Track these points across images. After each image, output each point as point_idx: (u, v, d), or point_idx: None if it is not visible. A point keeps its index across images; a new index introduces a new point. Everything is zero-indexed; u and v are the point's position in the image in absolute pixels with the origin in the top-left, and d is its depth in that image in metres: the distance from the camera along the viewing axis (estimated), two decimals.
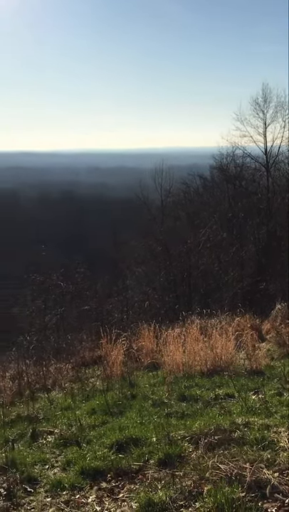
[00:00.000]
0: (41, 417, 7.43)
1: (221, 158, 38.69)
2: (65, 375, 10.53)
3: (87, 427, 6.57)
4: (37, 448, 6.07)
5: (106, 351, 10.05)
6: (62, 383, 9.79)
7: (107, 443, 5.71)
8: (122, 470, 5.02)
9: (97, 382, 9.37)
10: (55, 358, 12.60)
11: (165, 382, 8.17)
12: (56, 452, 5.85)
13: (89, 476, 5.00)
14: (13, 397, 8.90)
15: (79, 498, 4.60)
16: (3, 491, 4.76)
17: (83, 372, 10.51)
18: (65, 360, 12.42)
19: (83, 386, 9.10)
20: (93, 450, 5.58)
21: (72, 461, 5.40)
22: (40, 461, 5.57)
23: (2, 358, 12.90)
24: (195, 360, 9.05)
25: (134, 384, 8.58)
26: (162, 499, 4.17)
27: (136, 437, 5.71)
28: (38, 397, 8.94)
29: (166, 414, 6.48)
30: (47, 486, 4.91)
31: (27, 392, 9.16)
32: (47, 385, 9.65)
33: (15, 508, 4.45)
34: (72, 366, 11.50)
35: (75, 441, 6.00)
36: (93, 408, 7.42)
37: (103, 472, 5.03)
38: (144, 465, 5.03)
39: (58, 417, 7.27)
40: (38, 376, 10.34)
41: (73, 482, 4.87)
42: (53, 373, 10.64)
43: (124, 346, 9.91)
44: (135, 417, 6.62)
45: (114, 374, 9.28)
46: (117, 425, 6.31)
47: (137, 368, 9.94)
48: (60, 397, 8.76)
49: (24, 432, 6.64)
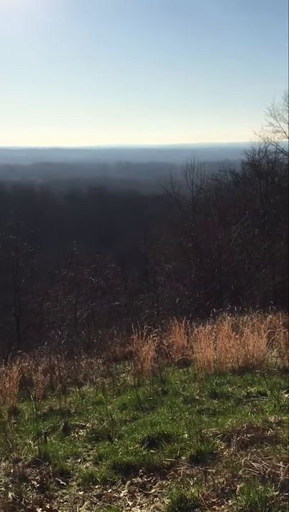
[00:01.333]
0: (73, 411, 7.49)
1: (253, 154, 38.32)
2: (96, 369, 10.59)
3: (118, 421, 6.59)
4: (69, 441, 6.11)
5: (137, 347, 10.05)
6: (94, 378, 9.84)
7: (139, 438, 5.72)
8: (154, 465, 5.02)
9: (127, 377, 9.40)
10: (86, 352, 12.68)
11: (196, 378, 8.15)
12: (88, 446, 5.89)
13: (121, 470, 5.02)
14: (45, 390, 8.98)
15: (111, 492, 4.63)
16: (36, 484, 4.82)
17: (114, 368, 10.53)
18: (96, 355, 12.49)
19: (114, 381, 9.13)
20: (125, 445, 5.60)
21: (104, 455, 5.43)
22: (73, 454, 5.61)
23: (34, 352, 13.02)
24: (226, 358, 8.99)
25: (165, 380, 8.58)
26: (194, 496, 4.16)
27: (167, 433, 5.70)
28: (70, 391, 9.02)
29: (198, 411, 6.46)
30: (79, 479, 4.95)
31: (59, 386, 9.24)
32: (78, 380, 9.72)
33: (48, 500, 4.50)
34: (103, 361, 11.56)
35: (107, 436, 6.03)
36: (124, 403, 7.44)
37: (135, 467, 5.05)
38: (175, 461, 5.03)
39: (90, 411, 7.32)
40: (69, 370, 10.42)
41: (105, 476, 4.90)
42: (84, 368, 10.71)
43: (155, 342, 9.91)
44: (166, 413, 6.62)
45: (145, 370, 9.28)
46: (149, 421, 6.31)
47: (168, 364, 9.93)
48: (91, 391, 8.81)
49: (56, 426, 6.70)
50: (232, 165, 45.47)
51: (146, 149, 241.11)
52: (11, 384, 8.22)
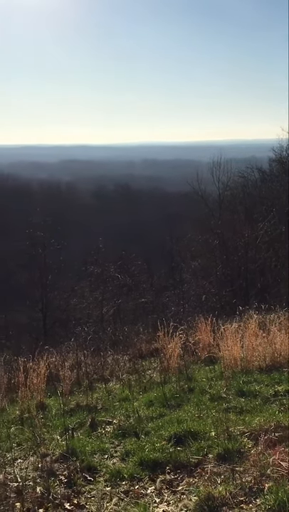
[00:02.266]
0: (100, 407, 7.51)
1: (281, 150, 37.96)
2: (122, 366, 10.61)
3: (145, 418, 6.59)
4: (96, 437, 6.14)
5: (163, 344, 10.03)
6: (120, 374, 9.85)
7: (166, 435, 5.72)
8: (181, 463, 5.03)
9: (154, 374, 9.39)
10: (112, 349, 12.72)
11: (223, 376, 8.11)
12: (115, 442, 5.91)
13: (148, 467, 5.03)
14: (72, 386, 9.03)
15: (138, 488, 4.64)
16: (64, 479, 4.85)
17: (140, 365, 10.54)
18: (122, 351, 12.53)
19: (140, 378, 9.13)
20: (151, 442, 5.61)
21: (131, 451, 5.45)
22: (100, 450, 5.64)
23: (61, 348, 13.11)
24: (253, 356, 8.92)
25: (192, 377, 8.55)
26: (222, 494, 4.15)
27: (194, 431, 5.70)
28: (96, 387, 9.05)
29: (225, 409, 6.42)
30: (106, 475, 4.97)
31: (85, 382, 9.28)
32: (104, 376, 9.74)
33: (75, 495, 4.53)
34: (129, 358, 11.58)
35: (134, 433, 6.05)
36: (151, 400, 7.44)
37: (162, 464, 5.06)
38: (202, 459, 5.02)
39: (116, 407, 7.34)
40: (95, 367, 10.46)
41: (132, 473, 4.92)
42: (111, 364, 10.73)
43: (181, 339, 9.88)
44: (193, 410, 6.60)
45: (171, 367, 9.26)
46: (175, 418, 6.31)
47: (194, 361, 9.90)
48: (117, 388, 8.82)
49: (83, 421, 6.73)
50: (259, 162, 45.09)
51: (171, 146, 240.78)
52: (39, 379, 8.28)
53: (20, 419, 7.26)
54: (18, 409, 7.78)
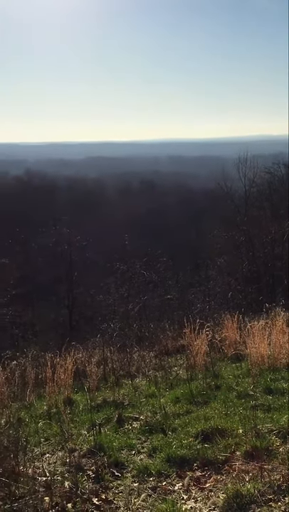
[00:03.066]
0: (126, 403, 7.53)
1: None
2: (148, 362, 10.62)
3: (171, 415, 6.59)
4: (123, 433, 6.16)
5: (189, 341, 10.01)
6: (146, 371, 9.87)
7: (193, 432, 5.71)
8: (208, 460, 5.01)
9: (180, 371, 9.38)
10: (138, 345, 12.73)
11: (250, 374, 8.06)
12: (142, 438, 5.92)
13: (175, 464, 5.03)
14: (98, 382, 9.07)
15: (166, 485, 4.64)
16: (92, 474, 4.88)
17: (166, 361, 10.54)
18: (148, 348, 12.54)
19: (166, 374, 9.13)
20: (178, 438, 5.60)
21: (158, 448, 5.45)
22: (127, 446, 5.66)
23: (87, 344, 13.19)
24: (280, 353, 8.84)
25: (218, 375, 8.52)
26: (250, 492, 4.13)
27: (221, 428, 5.67)
28: (122, 383, 9.07)
29: (252, 407, 6.38)
30: (134, 471, 4.99)
31: (112, 378, 9.31)
32: (131, 372, 9.77)
33: (103, 491, 4.55)
34: (155, 354, 11.59)
35: (161, 429, 6.05)
36: (177, 397, 7.43)
37: (189, 461, 5.06)
38: (230, 456, 5.00)
39: (143, 403, 7.35)
40: (121, 363, 10.49)
41: (160, 469, 4.93)
42: (137, 361, 10.75)
43: (207, 337, 9.85)
44: (220, 407, 6.57)
45: (198, 364, 9.23)
46: (202, 415, 6.29)
47: (220, 358, 9.86)
48: (143, 384, 8.84)
49: (110, 417, 6.76)
50: (286, 157, 44.71)
51: (197, 143, 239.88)
52: (66, 375, 8.34)
53: (47, 414, 7.33)
54: (45, 404, 7.86)
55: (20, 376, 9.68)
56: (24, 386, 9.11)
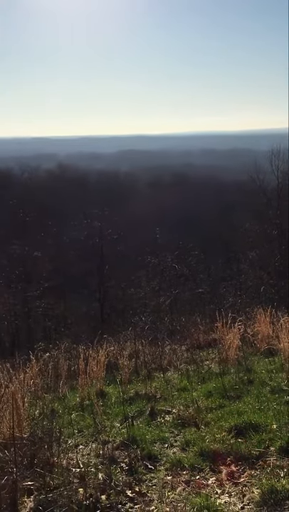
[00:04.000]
0: (158, 396, 7.51)
1: None
2: (179, 356, 10.60)
3: (204, 409, 6.56)
4: (155, 426, 6.16)
5: (221, 335, 9.96)
6: (177, 364, 9.85)
7: (226, 426, 5.68)
8: (242, 455, 4.98)
9: (212, 365, 9.33)
10: (169, 339, 12.73)
11: (283, 369, 7.97)
12: (174, 432, 5.91)
13: (208, 458, 5.01)
14: (130, 375, 9.09)
15: (199, 479, 4.62)
16: (125, 466, 4.89)
17: (198, 355, 10.50)
18: (179, 341, 12.53)
19: (198, 368, 9.09)
20: (212, 433, 5.58)
21: (191, 441, 5.44)
22: (160, 439, 5.66)
23: (118, 337, 13.24)
24: None
25: (251, 369, 8.44)
26: (286, 487, 4.09)
27: (255, 423, 5.63)
28: (154, 377, 9.07)
29: (286, 402, 6.31)
30: (167, 464, 4.98)
31: (143, 371, 9.31)
32: (162, 365, 9.76)
33: (137, 483, 4.56)
34: (187, 348, 11.57)
35: (193, 423, 6.03)
36: (209, 391, 7.39)
37: (222, 455, 5.02)
38: (264, 451, 4.96)
39: (175, 397, 7.33)
40: (153, 356, 10.48)
41: (193, 463, 4.91)
42: (168, 354, 10.74)
43: (239, 331, 9.78)
44: (253, 402, 6.52)
45: (230, 358, 9.17)
46: (235, 409, 6.25)
47: (253, 353, 9.77)
48: (175, 377, 8.81)
49: (143, 410, 6.76)
50: None
51: (229, 135, 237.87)
52: (98, 367, 8.38)
53: (80, 406, 7.37)
54: (78, 396, 7.90)
55: (53, 368, 9.78)
56: (57, 378, 9.20)
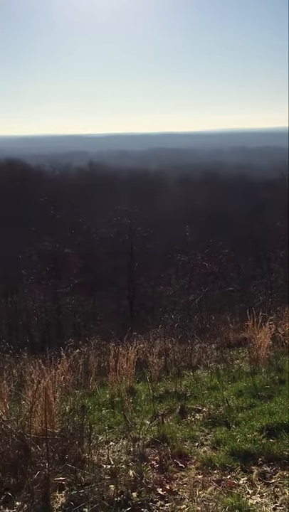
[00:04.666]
0: (188, 394, 7.49)
1: None
2: (209, 354, 10.55)
3: (234, 408, 6.50)
4: (186, 424, 6.13)
5: (251, 334, 9.87)
6: (207, 363, 9.81)
7: (257, 426, 5.62)
8: (274, 455, 4.92)
9: (242, 364, 9.26)
10: (198, 337, 12.69)
11: None
12: (205, 431, 5.88)
13: (239, 457, 4.96)
14: (160, 372, 9.08)
15: (230, 478, 4.59)
16: (156, 464, 4.88)
17: (228, 354, 10.43)
18: (209, 340, 12.47)
19: (228, 367, 9.03)
20: (243, 432, 5.53)
21: (221, 441, 5.39)
22: (190, 437, 5.63)
23: (148, 334, 13.24)
24: None
25: (282, 369, 8.33)
26: None
27: (287, 423, 5.55)
28: (184, 375, 9.04)
29: None
30: (198, 463, 4.95)
31: (173, 369, 9.30)
32: (192, 364, 9.73)
33: (167, 481, 4.54)
34: (217, 346, 11.51)
35: (224, 422, 5.98)
36: (240, 390, 7.33)
37: (254, 455, 4.97)
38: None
39: (205, 396, 7.29)
40: (183, 354, 10.46)
41: (224, 462, 4.87)
42: (198, 352, 10.69)
43: (270, 330, 9.67)
44: (285, 402, 6.43)
45: (261, 357, 9.08)
46: (266, 409, 6.17)
47: (284, 352, 9.66)
48: (205, 376, 8.77)
49: (173, 408, 6.74)
50: None
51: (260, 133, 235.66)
52: (128, 364, 8.38)
53: (110, 403, 7.39)
54: (108, 392, 7.93)
55: (84, 364, 9.85)
56: (87, 374, 9.26)
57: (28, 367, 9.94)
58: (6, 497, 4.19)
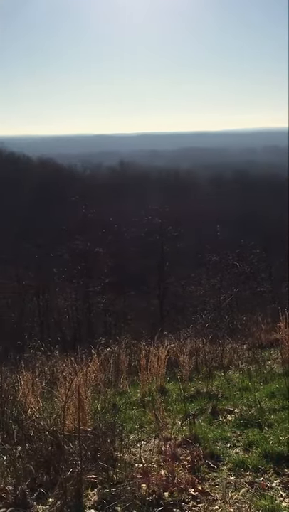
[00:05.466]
0: (220, 395, 7.44)
1: None
2: (240, 355, 10.48)
3: (267, 410, 6.43)
4: (217, 425, 6.09)
5: (284, 335, 9.75)
6: (239, 363, 9.74)
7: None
8: None
9: (274, 365, 9.17)
10: (230, 337, 12.61)
11: None
12: (237, 432, 5.83)
13: (272, 460, 4.90)
14: (190, 372, 9.06)
15: (263, 481, 4.53)
16: (187, 464, 4.86)
17: (259, 354, 10.34)
18: (240, 340, 12.38)
19: (260, 368, 8.95)
20: (275, 434, 5.46)
21: (254, 442, 5.34)
22: (222, 438, 5.59)
23: (178, 334, 13.22)
24: None
25: None
26: None
27: None
28: (215, 375, 8.99)
29: None
30: (230, 464, 4.91)
31: (204, 369, 9.26)
32: (223, 364, 9.66)
33: (199, 482, 4.51)
34: (248, 347, 11.42)
35: (256, 423, 5.92)
36: (272, 392, 7.25)
37: (287, 458, 4.91)
38: None
39: (237, 396, 7.23)
40: (214, 354, 10.39)
41: (256, 464, 4.82)
42: (229, 353, 10.62)
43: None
44: None
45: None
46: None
47: None
48: (236, 376, 8.71)
49: (204, 408, 6.71)
50: None
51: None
52: (159, 364, 8.37)
53: (141, 402, 7.40)
54: (139, 391, 7.94)
55: (114, 363, 9.88)
56: (118, 373, 9.29)
57: (59, 364, 10.04)
58: (39, 493, 4.22)
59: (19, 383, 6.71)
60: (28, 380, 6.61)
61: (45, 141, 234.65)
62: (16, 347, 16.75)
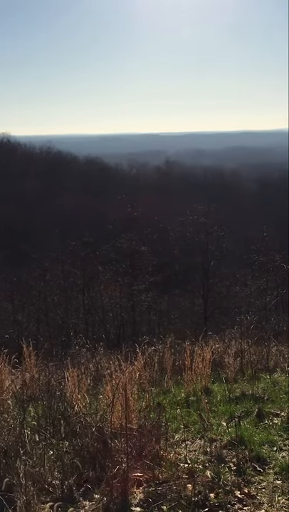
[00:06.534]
0: (265, 397, 7.35)
1: None
2: (287, 357, 10.32)
3: None
4: (263, 428, 6.02)
5: None
6: (285, 366, 9.60)
7: None
8: None
9: None
10: (275, 339, 12.44)
11: None
12: (283, 435, 5.74)
13: None
14: (235, 374, 8.99)
15: None
16: (233, 466, 4.82)
17: None
18: (287, 343, 12.18)
19: None
20: None
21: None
22: (268, 442, 5.52)
23: (223, 335, 13.13)
24: None
25: None
26: None
27: None
28: (260, 377, 8.89)
29: None
30: (276, 468, 4.85)
31: (249, 371, 9.16)
32: (269, 366, 9.55)
33: (245, 484, 4.47)
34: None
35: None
36: None
37: None
38: None
39: (283, 400, 7.13)
40: (259, 356, 10.28)
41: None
42: (275, 355, 10.49)
43: None
44: None
45: None
46: None
47: None
48: (282, 379, 8.58)
49: (250, 411, 6.64)
50: None
51: None
52: (204, 364, 8.33)
53: (186, 402, 7.38)
54: (183, 391, 7.92)
55: (159, 362, 9.88)
56: (162, 372, 9.29)
57: (103, 362, 10.12)
58: (86, 489, 4.27)
59: (66, 379, 6.80)
60: (74, 376, 6.68)
61: (91, 140, 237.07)
62: (62, 343, 16.98)
